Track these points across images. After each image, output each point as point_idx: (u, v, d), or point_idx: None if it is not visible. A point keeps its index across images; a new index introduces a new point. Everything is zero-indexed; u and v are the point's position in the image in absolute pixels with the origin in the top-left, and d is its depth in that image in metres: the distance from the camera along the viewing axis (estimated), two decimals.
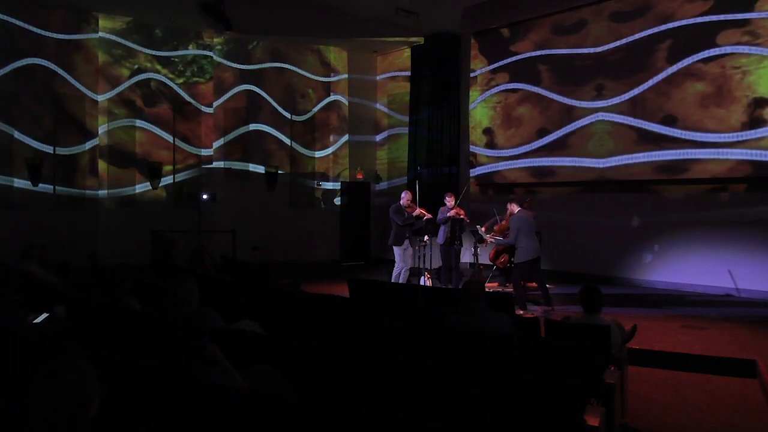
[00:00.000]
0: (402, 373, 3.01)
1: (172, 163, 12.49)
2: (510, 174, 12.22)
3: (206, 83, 12.99)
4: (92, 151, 11.79)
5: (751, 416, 4.55)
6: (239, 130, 13.32)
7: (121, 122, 12.07)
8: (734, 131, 9.07)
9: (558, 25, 11.41)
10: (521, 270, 7.91)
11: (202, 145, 13.02)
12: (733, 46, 9.06)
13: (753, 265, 8.90)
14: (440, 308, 4.88)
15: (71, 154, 11.54)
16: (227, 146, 13.22)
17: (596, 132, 10.76)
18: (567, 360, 3.54)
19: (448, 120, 13.17)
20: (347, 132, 14.29)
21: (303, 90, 13.83)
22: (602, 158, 10.66)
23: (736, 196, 9.32)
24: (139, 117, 12.30)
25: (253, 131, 13.42)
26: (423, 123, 13.30)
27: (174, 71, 12.63)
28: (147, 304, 4.61)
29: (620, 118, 10.40)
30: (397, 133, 14.37)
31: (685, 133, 9.60)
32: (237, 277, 7.88)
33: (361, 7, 12.03)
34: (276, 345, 3.47)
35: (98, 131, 11.88)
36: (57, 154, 11.31)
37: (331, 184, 14.10)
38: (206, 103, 13.01)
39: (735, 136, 9.06)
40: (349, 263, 13.60)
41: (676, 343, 6.18)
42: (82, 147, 11.65)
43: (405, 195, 9.14)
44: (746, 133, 8.96)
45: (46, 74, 11.22)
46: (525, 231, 7.85)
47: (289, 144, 13.70)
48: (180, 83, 12.71)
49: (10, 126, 10.87)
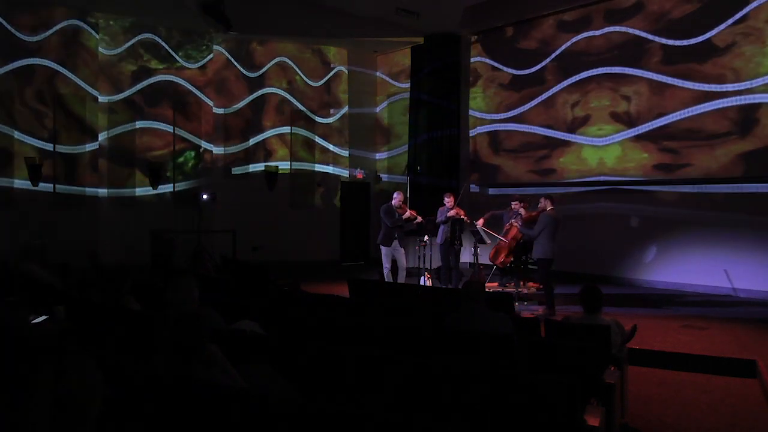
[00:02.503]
0: (402, 373, 3.01)
1: (172, 163, 12.49)
2: (511, 174, 12.22)
3: (207, 83, 12.98)
4: (93, 151, 11.79)
5: (751, 416, 4.55)
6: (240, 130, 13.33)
7: (123, 128, 12.07)
8: (734, 131, 9.07)
9: (559, 24, 11.42)
10: (545, 267, 7.87)
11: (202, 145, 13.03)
12: (729, 43, 9.06)
13: (753, 265, 8.90)
14: (440, 308, 4.89)
15: (72, 154, 11.54)
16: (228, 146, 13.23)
17: (598, 131, 10.76)
18: (567, 360, 3.54)
19: (448, 120, 13.17)
20: (347, 131, 14.29)
21: (303, 89, 13.83)
22: (604, 157, 10.66)
23: (736, 196, 9.32)
24: (141, 116, 12.30)
25: (252, 132, 13.43)
26: (423, 123, 13.29)
27: (174, 70, 12.62)
28: (147, 304, 4.60)
29: (622, 117, 10.40)
30: (397, 133, 14.37)
31: (685, 132, 9.60)
32: (237, 277, 7.88)
33: (361, 7, 12.04)
34: (276, 345, 3.47)
35: (99, 131, 11.88)
36: (57, 154, 11.30)
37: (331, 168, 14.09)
38: (207, 103, 13.00)
39: (735, 136, 9.07)
40: (349, 263, 13.60)
41: (676, 343, 6.18)
42: (82, 147, 11.65)
43: (397, 195, 9.13)
44: (746, 133, 8.96)
45: (46, 73, 11.22)
46: (550, 231, 7.83)
47: (290, 143, 13.70)
48: (180, 83, 12.70)
49: (11, 125, 10.87)
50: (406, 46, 13.74)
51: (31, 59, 11.06)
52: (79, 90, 11.60)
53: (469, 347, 3.70)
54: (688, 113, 9.55)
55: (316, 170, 13.93)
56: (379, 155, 14.82)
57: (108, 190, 11.93)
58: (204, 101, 12.96)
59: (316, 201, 13.99)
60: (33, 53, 11.07)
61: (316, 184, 13.94)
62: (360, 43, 13.76)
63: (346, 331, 4.19)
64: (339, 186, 14.13)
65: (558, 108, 11.36)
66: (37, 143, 11.12)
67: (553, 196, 8.41)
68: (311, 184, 13.90)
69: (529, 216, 8.58)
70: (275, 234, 12.73)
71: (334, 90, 14.17)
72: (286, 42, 13.53)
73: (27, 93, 11.05)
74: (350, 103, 14.30)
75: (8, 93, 10.81)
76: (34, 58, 11.09)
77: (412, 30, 12.86)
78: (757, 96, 8.82)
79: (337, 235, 13.93)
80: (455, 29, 12.82)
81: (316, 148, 13.97)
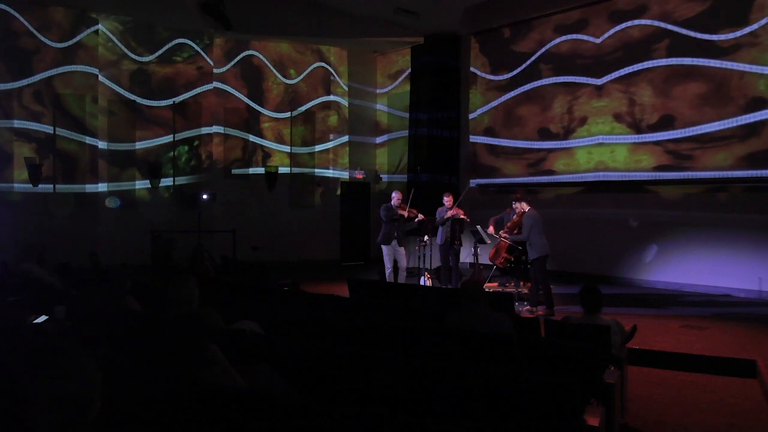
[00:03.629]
0: (402, 373, 3.01)
1: (172, 163, 12.49)
2: (510, 174, 12.22)
3: (206, 83, 12.98)
4: (92, 151, 11.79)
5: (751, 416, 4.55)
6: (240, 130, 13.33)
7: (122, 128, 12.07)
8: (734, 131, 9.08)
9: (559, 24, 11.41)
10: (541, 266, 7.86)
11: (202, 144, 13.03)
12: (731, 45, 9.06)
13: (753, 265, 8.90)
14: (440, 308, 4.88)
15: (71, 154, 11.54)
16: (228, 145, 13.22)
17: (597, 131, 10.76)
18: (567, 360, 3.54)
19: (448, 120, 13.17)
20: (347, 132, 14.29)
21: (302, 89, 13.83)
22: (602, 158, 10.66)
23: (736, 196, 9.32)
24: (140, 116, 12.30)
25: (252, 131, 13.43)
26: (423, 123, 13.29)
27: (174, 71, 12.62)
28: (147, 304, 4.61)
29: (620, 117, 10.40)
30: (397, 133, 14.37)
31: (685, 131, 9.60)
32: (237, 277, 7.88)
33: (361, 7, 12.04)
34: (276, 345, 3.47)
35: (98, 131, 11.88)
36: (57, 154, 11.30)
37: (331, 172, 14.09)
38: (207, 103, 13.00)
39: (735, 135, 9.07)
40: (349, 263, 13.60)
41: (676, 343, 6.18)
42: (82, 147, 11.65)
43: (395, 195, 9.14)
44: (746, 133, 8.96)
45: (47, 73, 11.22)
46: (538, 229, 7.84)
47: (289, 142, 13.70)
48: (180, 83, 12.70)
49: (10, 126, 10.87)
50: (406, 46, 13.75)
51: (32, 59, 11.07)
52: (78, 90, 11.60)
53: (469, 347, 3.69)
54: (689, 113, 9.55)
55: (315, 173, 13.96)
56: (379, 154, 14.82)
57: (108, 190, 11.93)
58: (204, 100, 12.96)
59: (316, 201, 13.99)
60: (32, 53, 11.07)
61: (316, 184, 13.94)
62: (360, 43, 13.76)
63: (346, 331, 4.19)
64: (339, 186, 14.13)
65: (558, 107, 11.35)
66: (37, 143, 11.12)
67: (521, 195, 8.44)
68: (311, 183, 13.91)
69: (512, 223, 8.62)
70: (275, 234, 12.74)
71: (334, 90, 14.17)
72: (286, 42, 13.53)
73: (27, 93, 11.05)
74: (350, 103, 14.30)
75: (8, 92, 10.81)
76: (34, 57, 11.09)
77: (411, 30, 12.86)
78: (758, 96, 8.83)
79: (337, 235, 13.93)
80: (455, 29, 12.82)
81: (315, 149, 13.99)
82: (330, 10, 12.21)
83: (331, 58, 14.11)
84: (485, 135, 12.73)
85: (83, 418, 1.76)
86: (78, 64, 11.59)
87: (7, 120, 10.84)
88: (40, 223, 10.34)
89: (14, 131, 10.93)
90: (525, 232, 7.91)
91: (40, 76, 11.18)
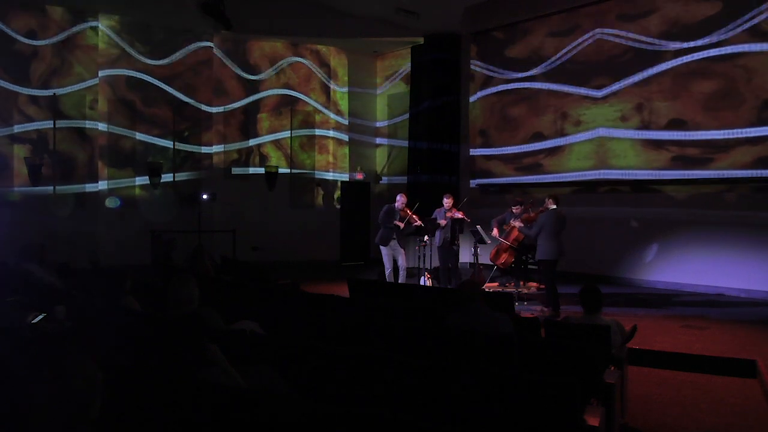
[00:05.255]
0: (402, 373, 3.01)
1: (172, 163, 12.49)
2: (510, 174, 12.22)
3: (205, 83, 12.98)
4: (91, 152, 11.78)
5: (751, 416, 4.55)
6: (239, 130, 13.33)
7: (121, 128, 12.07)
8: (734, 130, 9.07)
9: (558, 26, 11.40)
10: (546, 268, 7.83)
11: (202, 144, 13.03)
12: (734, 46, 9.04)
13: (753, 265, 8.90)
14: (440, 308, 4.88)
15: (71, 155, 11.54)
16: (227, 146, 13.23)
17: (595, 132, 10.75)
18: (567, 360, 3.54)
19: (447, 120, 13.16)
20: (347, 132, 14.28)
21: (302, 89, 13.83)
22: (600, 158, 10.66)
23: (736, 196, 9.32)
24: (139, 118, 12.29)
25: (251, 130, 13.43)
26: (423, 123, 13.29)
27: (174, 71, 12.62)
28: (147, 304, 4.61)
29: (619, 117, 10.40)
30: (397, 133, 14.37)
31: (685, 133, 9.59)
32: (237, 277, 7.88)
33: (361, 7, 12.04)
34: (276, 345, 3.47)
35: (98, 131, 11.87)
36: (57, 155, 11.30)
37: (331, 175, 14.09)
38: (206, 103, 13.00)
39: (735, 134, 9.06)
40: (349, 263, 13.59)
41: (676, 343, 6.18)
42: (81, 147, 11.64)
43: (400, 198, 9.13)
44: (747, 133, 8.96)
45: (45, 74, 11.21)
46: (549, 230, 7.75)
47: (289, 143, 13.70)
48: (180, 83, 12.70)
49: (10, 126, 10.86)
50: (405, 46, 13.74)
51: (30, 59, 11.07)
52: (77, 90, 11.59)
53: (470, 347, 3.69)
54: (689, 114, 9.55)
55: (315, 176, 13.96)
56: (379, 154, 14.82)
57: (108, 190, 11.92)
58: (203, 100, 12.95)
59: (316, 201, 13.99)
60: (31, 53, 11.07)
61: (315, 184, 13.94)
62: (360, 43, 13.76)
63: (346, 331, 4.19)
64: (339, 186, 14.13)
65: (556, 108, 11.35)
66: (37, 144, 11.11)
67: (558, 195, 8.35)
68: (311, 184, 13.91)
69: (530, 216, 8.58)
70: (275, 234, 12.73)
71: (333, 89, 14.17)
72: (285, 42, 13.53)
73: (26, 93, 11.05)
74: (350, 103, 14.30)
75: (7, 93, 10.81)
76: (33, 57, 11.09)
77: (412, 30, 12.85)
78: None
79: (337, 235, 13.93)
80: (455, 29, 12.81)
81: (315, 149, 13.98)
82: (330, 10, 12.20)
83: (331, 59, 14.10)
84: (483, 136, 12.72)
85: (83, 418, 1.76)
86: (77, 64, 11.58)
87: (6, 120, 10.83)
88: (40, 224, 10.32)
89: (14, 132, 10.91)
90: (534, 230, 7.90)
91: (39, 77, 11.17)
